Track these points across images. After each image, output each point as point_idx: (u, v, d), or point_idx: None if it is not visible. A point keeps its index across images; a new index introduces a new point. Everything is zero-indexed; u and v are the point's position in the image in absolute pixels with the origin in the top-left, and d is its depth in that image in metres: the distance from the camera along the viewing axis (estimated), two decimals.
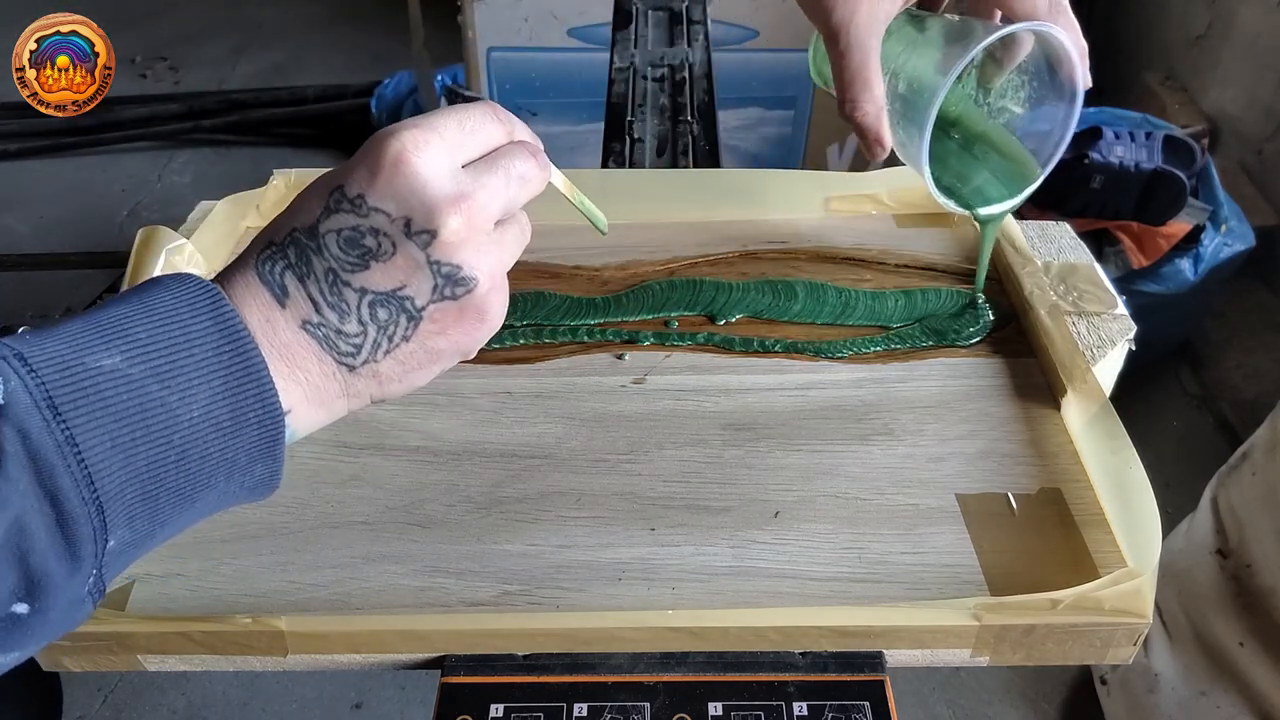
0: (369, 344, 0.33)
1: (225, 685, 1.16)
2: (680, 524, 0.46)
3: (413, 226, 0.32)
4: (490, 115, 0.36)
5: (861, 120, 0.47)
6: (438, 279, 0.33)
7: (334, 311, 0.32)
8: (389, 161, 0.32)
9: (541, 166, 0.37)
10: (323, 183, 0.33)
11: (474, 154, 0.35)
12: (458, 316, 0.34)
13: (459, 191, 0.33)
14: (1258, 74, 1.50)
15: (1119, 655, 0.42)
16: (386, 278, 0.33)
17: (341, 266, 0.32)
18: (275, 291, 0.32)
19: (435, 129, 0.33)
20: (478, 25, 1.40)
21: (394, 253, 0.32)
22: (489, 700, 0.39)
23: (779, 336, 0.56)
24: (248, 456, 0.30)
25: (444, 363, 0.36)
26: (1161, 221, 1.32)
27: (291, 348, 0.32)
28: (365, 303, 0.33)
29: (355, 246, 0.32)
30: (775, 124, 1.57)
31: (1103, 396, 0.48)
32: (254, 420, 0.30)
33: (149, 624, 0.41)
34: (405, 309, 0.33)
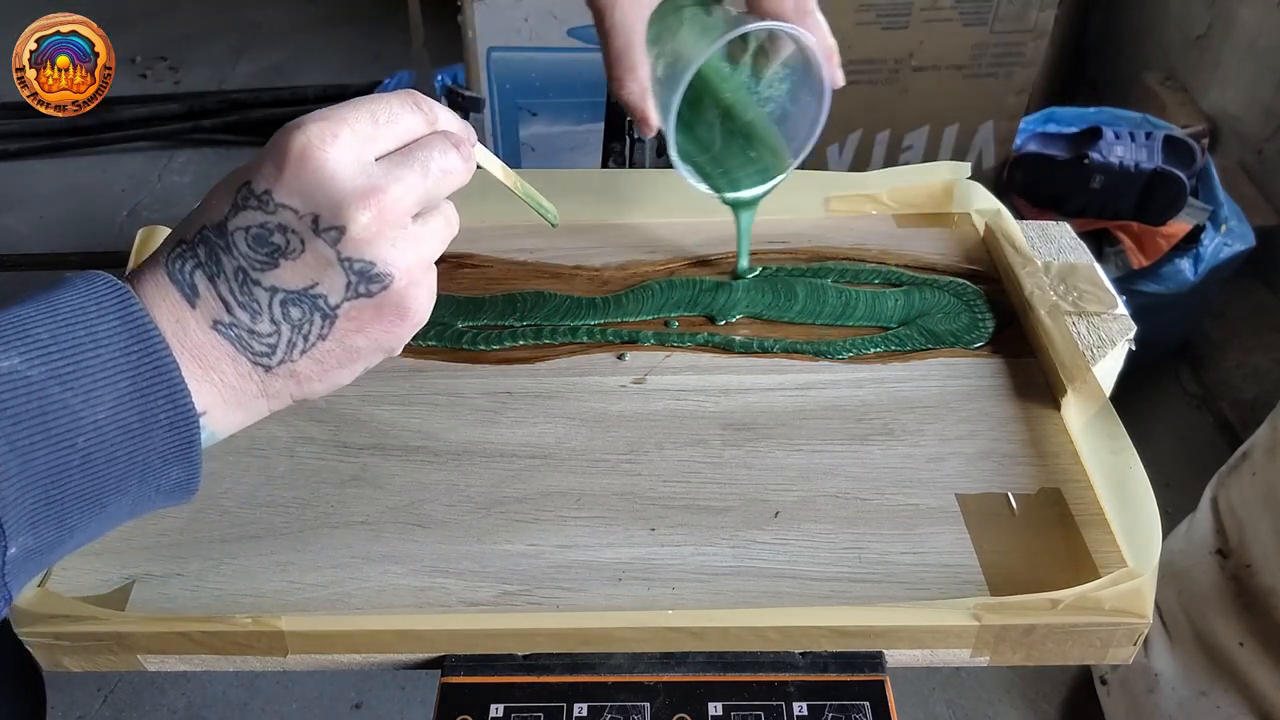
0: (284, 343, 0.32)
1: (225, 685, 1.16)
2: (680, 524, 0.46)
3: (320, 223, 0.31)
4: (408, 104, 0.35)
5: (627, 99, 0.48)
6: (350, 276, 0.32)
7: (245, 311, 0.32)
8: (294, 156, 0.31)
9: (465, 158, 0.35)
10: (232, 178, 0.33)
11: (389, 145, 0.34)
12: (375, 314, 0.33)
13: (369, 185, 0.32)
14: (1258, 74, 1.50)
15: (1119, 655, 0.42)
16: (297, 276, 0.32)
17: (251, 265, 0.32)
18: (185, 291, 0.31)
19: (344, 120, 0.32)
20: (478, 25, 1.40)
21: (303, 250, 0.32)
22: (489, 700, 0.39)
23: (779, 336, 0.56)
24: (161, 459, 0.30)
25: (366, 360, 0.35)
26: (1161, 221, 1.32)
27: (204, 349, 0.31)
28: (277, 301, 0.32)
29: (264, 244, 0.31)
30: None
31: (1103, 396, 0.48)
32: (165, 422, 0.30)
33: (149, 624, 0.41)
34: (319, 307, 0.32)
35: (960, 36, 1.34)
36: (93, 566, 0.45)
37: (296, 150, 0.31)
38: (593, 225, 0.65)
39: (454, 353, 0.56)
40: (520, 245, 0.64)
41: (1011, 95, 1.41)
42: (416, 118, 0.35)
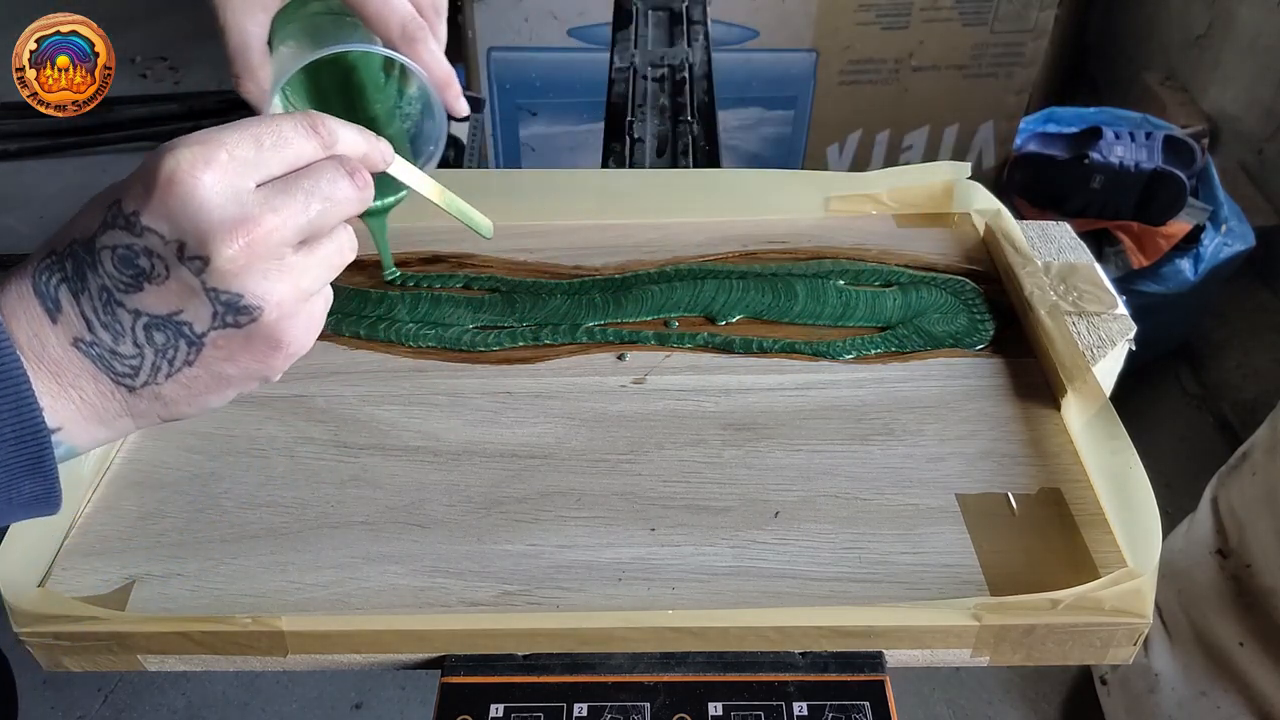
0: (147, 366, 0.31)
1: (225, 685, 1.16)
2: (680, 524, 0.46)
3: (185, 251, 0.30)
4: (301, 128, 0.33)
5: (247, 98, 0.47)
6: (216, 306, 0.31)
7: (107, 331, 0.31)
8: (163, 179, 0.30)
9: (360, 185, 0.34)
10: (107, 192, 0.32)
11: (273, 171, 0.32)
12: (245, 344, 0.32)
13: (239, 215, 0.30)
14: (1258, 74, 1.50)
15: (1119, 655, 0.42)
16: (161, 301, 0.31)
17: (115, 285, 0.31)
18: (48, 305, 0.30)
19: (222, 145, 0.31)
20: (478, 25, 1.40)
21: (168, 276, 0.31)
22: (489, 700, 0.39)
23: (779, 337, 0.56)
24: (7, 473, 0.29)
25: (238, 387, 0.34)
26: (1161, 221, 1.32)
27: (62, 365, 0.31)
28: (140, 325, 0.31)
29: (129, 266, 0.30)
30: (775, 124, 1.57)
31: (1103, 396, 0.48)
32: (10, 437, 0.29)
33: (149, 624, 0.41)
34: (183, 334, 0.31)
35: (960, 36, 1.34)
36: (93, 566, 0.45)
37: (165, 173, 0.30)
38: (593, 225, 0.65)
39: (454, 353, 0.56)
40: (520, 245, 0.64)
41: (1011, 95, 1.41)
42: (309, 142, 0.33)
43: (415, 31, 0.43)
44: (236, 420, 0.52)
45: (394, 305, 0.59)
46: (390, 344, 0.56)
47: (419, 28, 0.43)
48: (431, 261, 0.62)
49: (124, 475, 0.49)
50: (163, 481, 0.49)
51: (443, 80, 0.44)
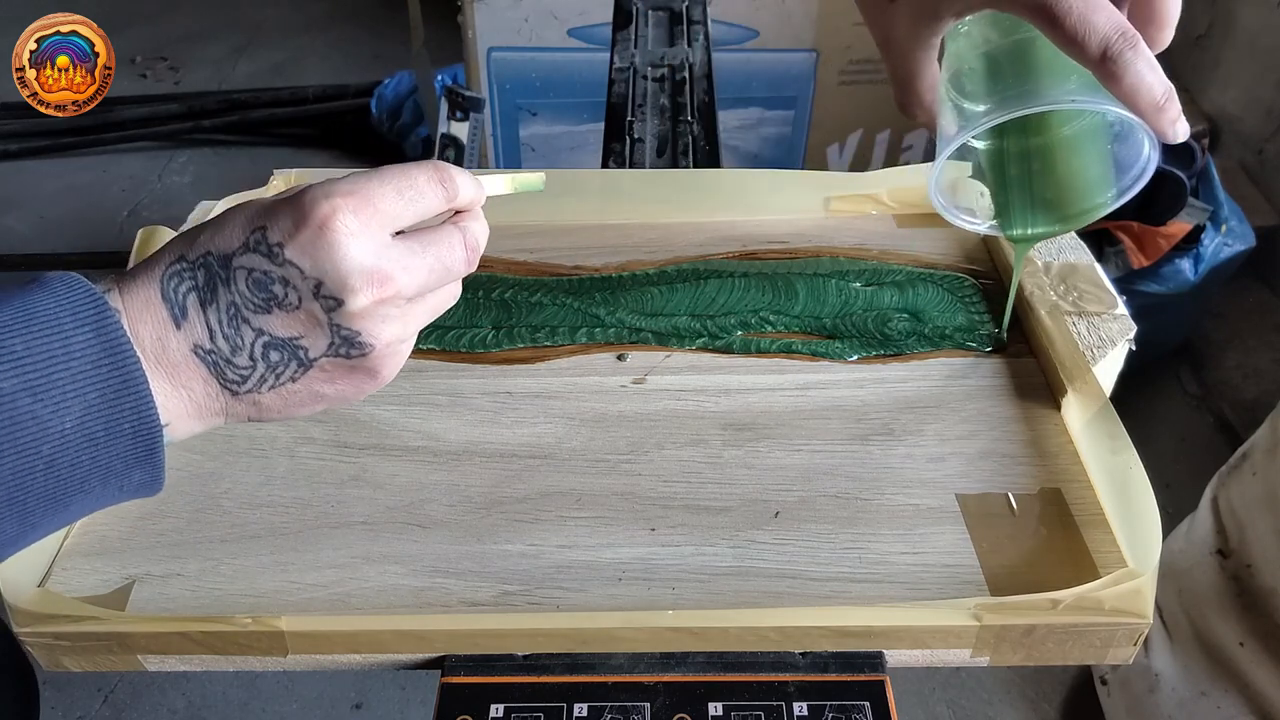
0: (255, 377, 0.33)
1: (225, 685, 1.16)
2: (680, 524, 0.46)
3: (322, 290, 0.32)
4: (433, 181, 0.35)
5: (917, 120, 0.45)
6: (335, 339, 0.34)
7: (228, 343, 0.33)
8: (315, 222, 0.32)
9: (472, 261, 0.37)
10: (251, 214, 0.33)
11: (408, 222, 0.35)
12: (348, 372, 0.35)
13: (377, 268, 0.33)
14: (1258, 74, 1.50)
15: (1119, 655, 0.42)
16: (286, 326, 0.33)
17: (245, 304, 0.33)
18: (174, 311, 0.32)
19: (371, 199, 0.33)
20: (478, 25, 1.40)
21: (299, 306, 0.33)
22: (489, 700, 0.39)
23: (779, 337, 0.56)
24: (124, 464, 0.31)
25: (328, 404, 0.36)
26: (1162, 221, 1.32)
27: (180, 367, 0.32)
28: (260, 343, 0.33)
29: (263, 290, 0.32)
30: (775, 124, 1.56)
31: (1103, 396, 0.48)
32: (129, 431, 0.30)
33: (149, 624, 0.41)
34: (298, 357, 0.34)
35: None
36: (93, 566, 0.45)
37: (319, 218, 0.32)
38: (593, 225, 0.65)
39: (454, 354, 0.56)
40: (520, 245, 0.64)
41: None
42: (438, 195, 0.36)
43: (1119, 53, 0.35)
44: None
45: None
46: None
47: (1126, 45, 0.35)
48: None
49: None
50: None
51: (1151, 107, 0.36)
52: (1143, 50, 0.35)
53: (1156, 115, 0.36)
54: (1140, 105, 0.36)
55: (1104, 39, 0.35)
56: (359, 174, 0.34)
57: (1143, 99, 0.36)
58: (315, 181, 0.34)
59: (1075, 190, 0.45)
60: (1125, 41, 0.35)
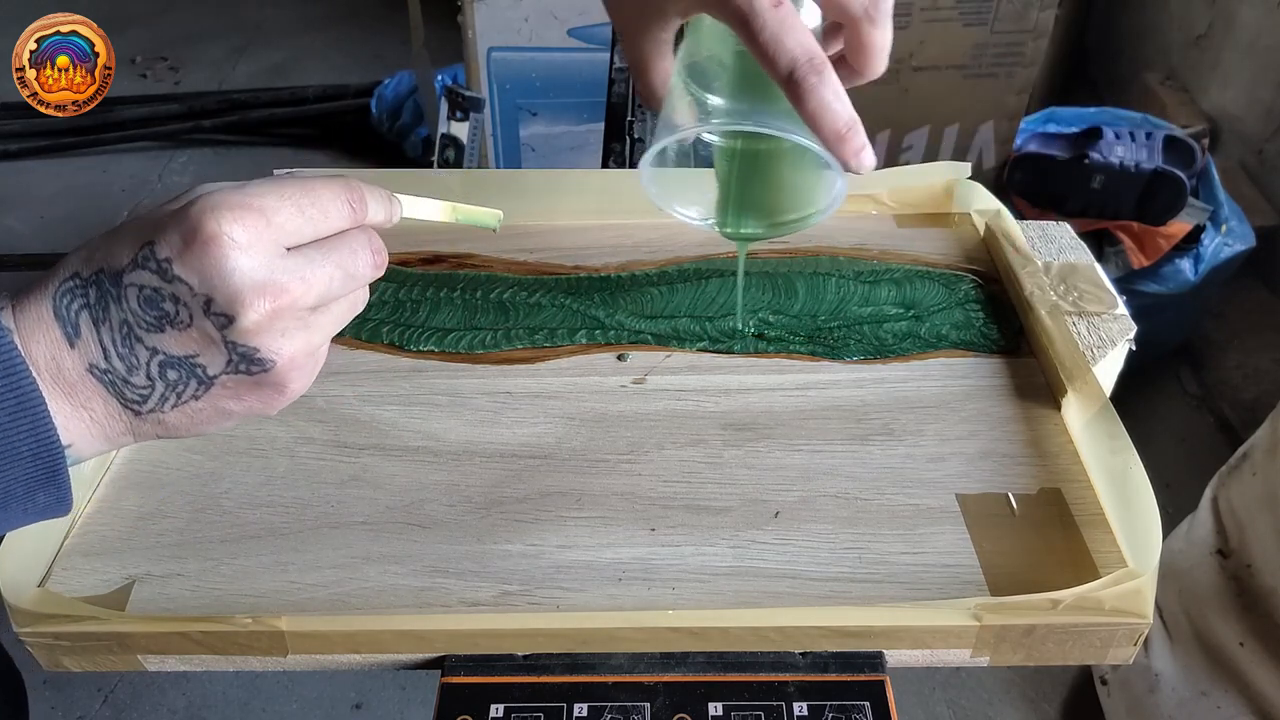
0: (156, 396, 0.33)
1: (225, 685, 1.16)
2: (680, 524, 0.46)
3: (212, 307, 0.32)
4: (340, 199, 0.34)
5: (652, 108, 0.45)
6: (232, 355, 0.33)
7: (123, 362, 0.32)
8: (202, 237, 0.31)
9: (379, 263, 0.36)
10: (139, 229, 0.32)
11: (307, 237, 0.34)
12: (252, 388, 0.34)
13: (269, 281, 0.32)
14: (1258, 74, 1.50)
15: (1119, 655, 0.42)
16: (180, 345, 0.32)
17: (137, 322, 0.32)
18: (67, 330, 0.31)
19: (264, 212, 0.32)
20: (478, 25, 1.40)
21: (190, 324, 0.32)
22: (489, 700, 0.39)
23: (779, 337, 0.56)
24: (24, 487, 0.31)
25: (237, 419, 0.35)
26: (1162, 221, 1.32)
27: (76, 386, 0.32)
28: (156, 362, 0.32)
29: (153, 307, 0.32)
30: None
31: (1103, 396, 0.48)
32: (28, 453, 0.30)
33: (149, 624, 0.41)
34: (195, 374, 0.33)
35: (960, 36, 1.34)
36: (93, 566, 0.45)
37: (206, 233, 0.31)
38: (593, 225, 0.65)
39: (454, 354, 0.56)
40: (520, 245, 0.64)
41: (1011, 95, 1.41)
42: (343, 215, 0.34)
43: (804, 78, 0.35)
44: None
45: (396, 309, 0.59)
46: (392, 346, 0.57)
47: (811, 71, 0.35)
48: (432, 261, 0.62)
49: (124, 475, 0.49)
50: (163, 481, 0.49)
51: (833, 135, 0.36)
52: (829, 78, 0.36)
53: (839, 144, 0.37)
54: (823, 131, 0.36)
55: (792, 60, 0.35)
56: (258, 184, 0.33)
57: (825, 126, 0.36)
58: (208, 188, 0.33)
59: (786, 199, 0.46)
60: (811, 67, 0.35)
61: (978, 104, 1.41)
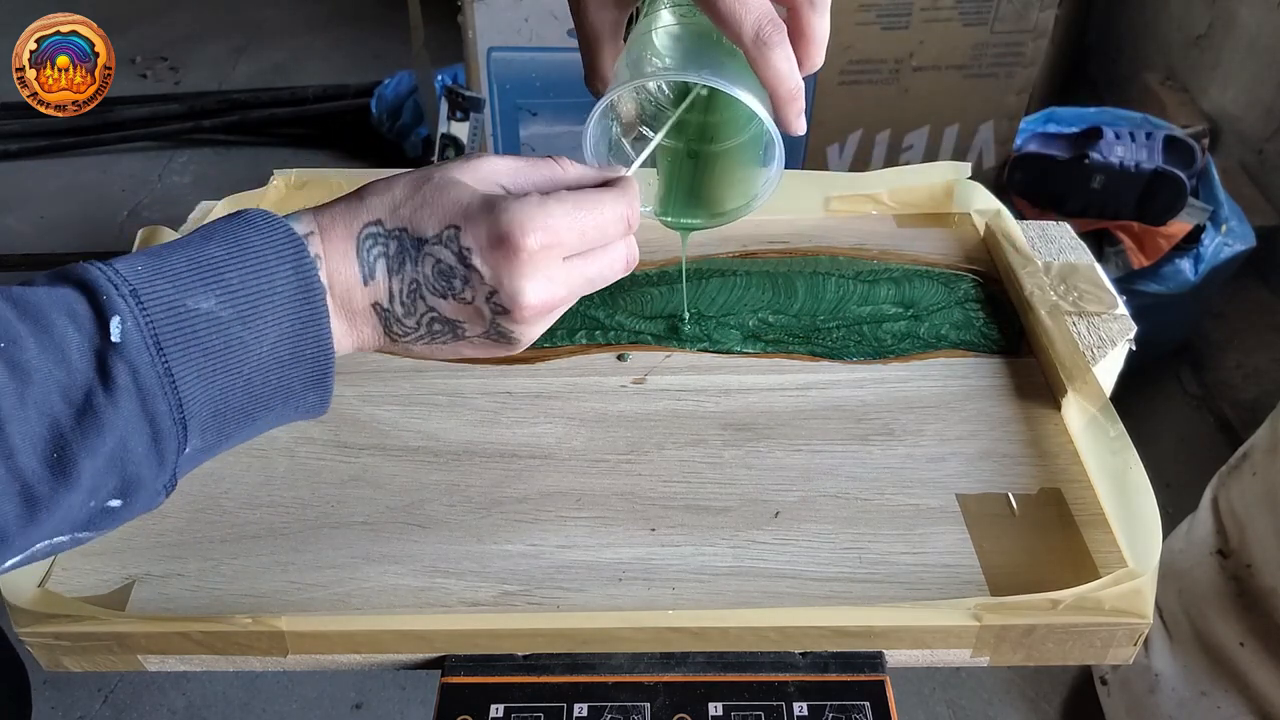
0: (415, 336, 0.38)
1: (225, 685, 1.16)
2: (680, 524, 0.46)
3: (494, 298, 0.36)
4: (620, 221, 0.39)
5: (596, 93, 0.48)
6: (492, 330, 0.37)
7: (402, 308, 0.37)
8: (504, 240, 0.35)
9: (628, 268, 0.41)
10: (446, 209, 0.36)
11: (579, 250, 0.38)
12: (493, 346, 0.39)
13: (545, 290, 0.36)
14: (1258, 74, 1.50)
15: (1119, 655, 0.42)
16: (454, 311, 0.37)
17: (426, 285, 0.36)
18: (364, 270, 0.36)
19: (559, 232, 0.36)
20: (478, 25, 1.40)
21: (470, 302, 0.36)
22: (489, 700, 0.39)
23: (779, 337, 0.56)
24: (302, 385, 0.35)
25: (466, 358, 0.40)
26: (1162, 221, 1.32)
27: (358, 315, 0.36)
28: (429, 316, 0.37)
29: (444, 279, 0.36)
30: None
31: (1103, 397, 0.48)
32: (310, 357, 0.35)
33: (149, 624, 0.41)
34: (455, 331, 0.38)
35: (960, 36, 1.34)
36: (93, 566, 0.45)
37: (509, 237, 0.35)
38: None
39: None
40: None
41: (1011, 95, 1.41)
42: (620, 231, 0.39)
43: (769, 35, 0.39)
44: None
45: None
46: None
47: (774, 30, 0.39)
48: None
49: None
50: None
51: (786, 95, 0.40)
52: (787, 43, 0.40)
53: (789, 103, 0.41)
54: (779, 89, 0.40)
55: (756, 21, 0.39)
56: (556, 199, 0.36)
57: (782, 84, 0.40)
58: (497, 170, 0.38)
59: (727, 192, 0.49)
60: (774, 27, 0.39)
61: (978, 104, 1.41)
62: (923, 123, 1.43)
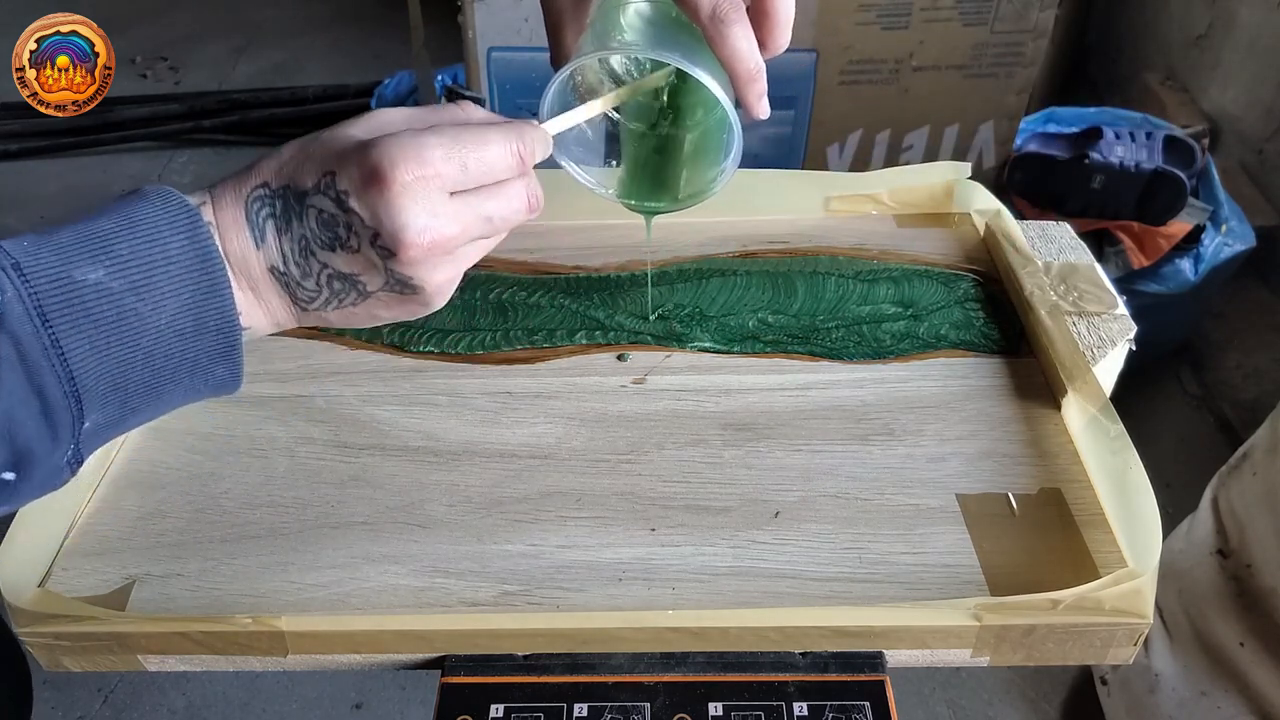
0: (321, 300, 0.37)
1: (225, 685, 1.16)
2: (680, 524, 0.46)
3: (378, 240, 0.35)
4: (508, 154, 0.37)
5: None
6: (390, 280, 0.36)
7: (298, 269, 0.36)
8: (376, 177, 0.34)
9: (531, 211, 0.39)
10: (325, 155, 0.35)
11: (470, 185, 0.36)
12: (402, 301, 0.38)
13: (429, 225, 0.35)
14: (1258, 74, 1.50)
15: (1119, 655, 0.42)
16: (346, 264, 0.36)
17: (314, 239, 0.36)
18: (255, 234, 0.35)
19: (434, 163, 0.35)
20: (478, 25, 1.40)
21: (357, 250, 0.35)
22: (489, 700, 0.39)
23: (779, 338, 0.56)
24: (208, 358, 0.35)
25: (386, 320, 0.39)
26: (1162, 221, 1.32)
27: (259, 282, 0.36)
28: (325, 273, 0.36)
29: (328, 230, 0.35)
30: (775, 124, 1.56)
31: (1103, 396, 0.48)
32: (213, 328, 0.34)
33: (149, 624, 0.41)
34: (357, 288, 0.37)
35: (960, 36, 1.34)
36: (93, 566, 0.45)
37: (382, 177, 0.34)
38: (593, 225, 0.65)
39: (453, 355, 0.56)
40: (520, 245, 0.64)
41: (1011, 95, 1.41)
42: (509, 165, 0.37)
43: (726, 13, 0.38)
44: (236, 420, 0.52)
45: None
46: (392, 347, 0.57)
47: (732, 8, 0.38)
48: None
49: (124, 475, 0.49)
50: (163, 481, 0.49)
51: (745, 75, 0.40)
52: (746, 22, 0.39)
53: (749, 84, 0.40)
54: (737, 69, 0.39)
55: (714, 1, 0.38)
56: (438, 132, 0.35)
57: (740, 64, 0.39)
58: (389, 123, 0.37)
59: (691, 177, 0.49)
60: (732, 5, 0.39)
61: (978, 104, 1.41)
62: (923, 123, 1.43)
